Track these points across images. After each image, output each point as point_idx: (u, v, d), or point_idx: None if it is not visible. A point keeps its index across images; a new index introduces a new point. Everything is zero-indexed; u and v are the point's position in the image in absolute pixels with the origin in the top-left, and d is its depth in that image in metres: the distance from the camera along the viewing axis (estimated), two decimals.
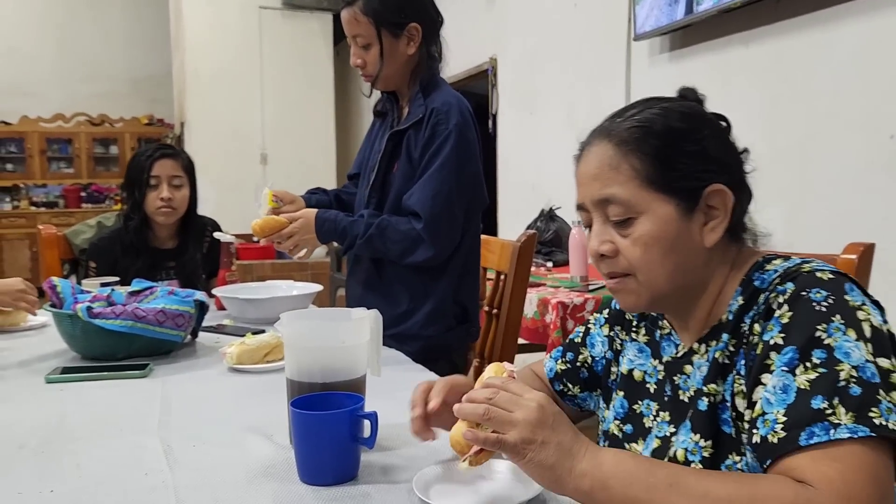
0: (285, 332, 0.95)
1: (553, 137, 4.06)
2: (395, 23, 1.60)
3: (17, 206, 7.84)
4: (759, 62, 2.67)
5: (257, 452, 0.95)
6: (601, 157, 0.85)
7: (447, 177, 1.56)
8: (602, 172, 0.84)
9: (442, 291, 1.65)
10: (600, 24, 3.60)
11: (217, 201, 5.94)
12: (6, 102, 7.80)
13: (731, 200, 0.83)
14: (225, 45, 6.34)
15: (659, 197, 0.82)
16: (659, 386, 0.91)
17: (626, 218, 0.83)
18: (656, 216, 0.82)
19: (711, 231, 0.83)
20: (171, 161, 2.16)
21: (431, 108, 1.60)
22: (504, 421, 0.72)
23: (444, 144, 1.57)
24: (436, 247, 1.57)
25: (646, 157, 0.82)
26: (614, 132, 0.85)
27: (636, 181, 0.82)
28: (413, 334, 1.62)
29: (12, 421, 1.10)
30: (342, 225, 1.61)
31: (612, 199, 0.83)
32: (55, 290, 1.51)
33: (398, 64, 1.64)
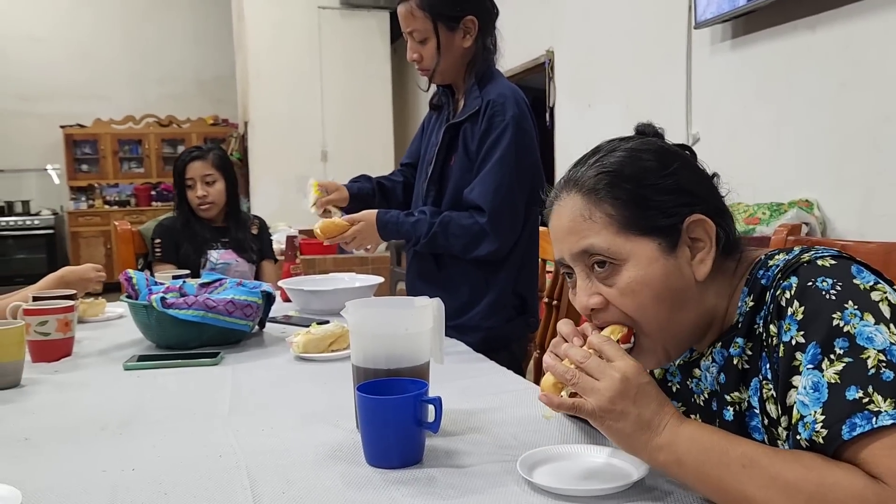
0: (351, 320, 0.98)
1: (612, 129, 3.98)
2: (451, 16, 1.60)
3: (92, 205, 8.18)
4: (827, 47, 2.58)
5: (325, 437, 0.98)
6: (572, 210, 0.83)
7: (507, 169, 1.56)
8: (576, 225, 0.82)
9: (502, 283, 1.65)
10: (659, 13, 3.54)
11: (280, 197, 6.10)
12: (81, 106, 8.15)
13: (712, 228, 0.81)
14: (285, 45, 6.47)
15: (639, 240, 0.80)
16: (682, 386, 0.91)
17: (610, 267, 0.80)
18: (640, 260, 0.79)
19: (700, 263, 0.81)
20: (201, 162, 2.45)
21: (487, 100, 1.60)
22: (587, 388, 0.74)
23: (501, 136, 1.57)
24: (499, 240, 1.57)
25: (617, 201, 0.80)
26: (581, 182, 0.83)
27: (612, 228, 0.80)
28: (473, 325, 1.63)
29: (94, 404, 1.17)
30: (405, 227, 1.62)
31: (590, 249, 0.81)
32: (131, 282, 1.58)
33: (455, 57, 1.64)
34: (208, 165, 2.44)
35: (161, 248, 2.39)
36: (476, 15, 1.62)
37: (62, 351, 1.46)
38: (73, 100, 8.16)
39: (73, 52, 8.18)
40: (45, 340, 1.42)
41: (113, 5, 8.30)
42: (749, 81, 2.98)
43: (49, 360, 1.42)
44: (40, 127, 8.06)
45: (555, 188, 0.88)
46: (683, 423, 0.73)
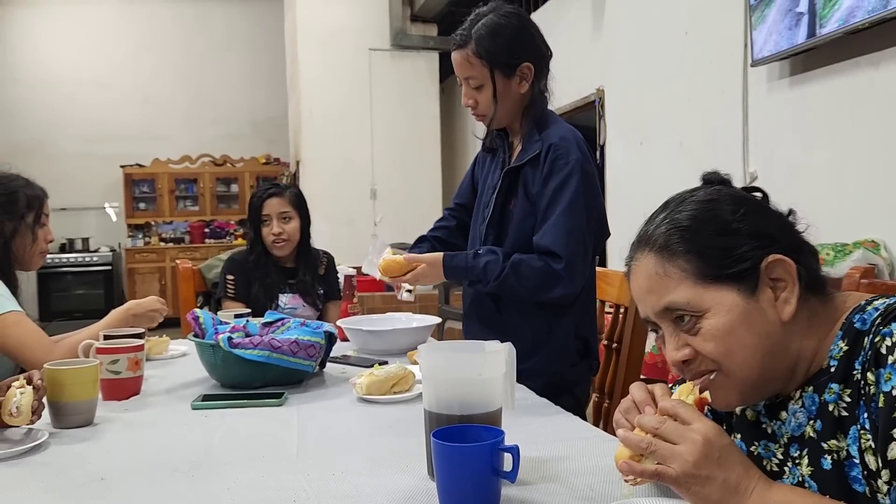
0: (423, 364, 0.97)
1: (664, 166, 3.98)
2: (508, 63, 1.60)
3: (148, 241, 8.42)
4: (891, 84, 2.53)
5: (397, 483, 0.97)
6: (647, 269, 0.84)
7: (578, 213, 1.55)
8: (653, 283, 0.84)
9: (566, 327, 1.63)
10: (713, 51, 3.52)
11: (331, 234, 6.17)
12: (140, 147, 8.45)
13: (792, 267, 0.80)
14: (337, 87, 6.62)
15: (717, 288, 0.80)
16: (778, 428, 0.87)
17: (692, 318, 0.81)
18: (720, 308, 0.80)
19: (785, 303, 0.80)
20: (278, 199, 2.43)
21: (549, 143, 1.59)
22: (666, 455, 0.72)
23: (568, 180, 1.56)
24: (574, 285, 1.55)
25: (690, 254, 0.81)
26: (652, 239, 0.85)
27: (688, 281, 0.81)
28: (538, 370, 1.59)
29: (165, 444, 1.18)
30: (475, 271, 1.59)
31: (671, 306, 0.82)
32: (198, 321, 1.61)
33: (511, 103, 1.64)
34: (285, 203, 2.42)
35: (234, 286, 2.38)
36: (532, 61, 1.62)
37: (132, 389, 1.48)
38: (132, 141, 8.47)
39: (134, 95, 8.52)
40: (116, 379, 1.45)
41: (172, 50, 8.65)
42: (809, 119, 2.93)
43: (120, 398, 1.45)
44: (101, 167, 8.38)
45: (630, 249, 0.90)
46: (772, 487, 0.71)
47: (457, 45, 1.64)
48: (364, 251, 1.76)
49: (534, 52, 1.64)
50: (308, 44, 6.64)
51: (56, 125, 8.30)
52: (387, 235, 6.72)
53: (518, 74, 1.62)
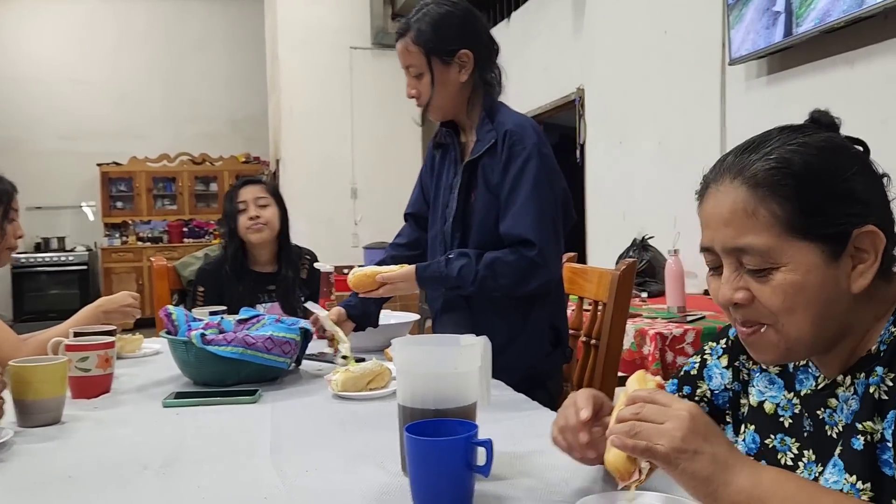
0: (398, 358, 0.96)
1: (644, 166, 3.99)
2: (445, 50, 1.59)
3: (125, 241, 8.32)
4: (866, 83, 2.55)
5: (371, 479, 0.96)
6: (734, 202, 0.76)
7: (543, 197, 1.54)
8: (735, 218, 0.76)
9: (540, 319, 1.63)
10: (692, 50, 3.54)
11: (310, 234, 6.14)
12: (118, 145, 8.36)
13: (882, 242, 0.75)
14: (317, 85, 6.59)
15: (802, 245, 0.74)
16: (795, 420, 0.85)
17: (765, 268, 0.75)
18: (799, 265, 0.74)
19: (860, 276, 0.75)
20: (254, 186, 2.37)
21: (504, 130, 1.58)
22: (653, 433, 0.70)
23: (527, 165, 1.54)
24: (550, 271, 1.54)
25: (786, 201, 0.74)
26: (748, 171, 0.77)
27: (776, 229, 0.74)
28: (512, 366, 1.58)
29: (135, 442, 1.16)
30: (450, 280, 1.57)
31: (748, 249, 0.75)
32: (171, 318, 1.59)
33: (450, 92, 1.63)
34: (262, 189, 2.35)
35: (204, 298, 2.25)
36: (471, 49, 1.61)
37: (102, 387, 1.45)
38: (110, 139, 8.37)
39: (112, 93, 8.43)
40: (85, 377, 1.42)
41: (151, 47, 8.56)
42: (786, 118, 2.93)
43: (89, 396, 1.42)
44: (78, 165, 8.27)
45: (713, 170, 0.81)
46: (761, 466, 0.70)
47: (398, 34, 1.64)
48: (344, 250, 1.76)
49: (473, 41, 1.62)
50: (288, 41, 6.60)
51: (32, 123, 8.18)
52: (367, 235, 6.70)
53: (456, 62, 1.61)
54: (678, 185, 3.71)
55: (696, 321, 2.43)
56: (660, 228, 3.59)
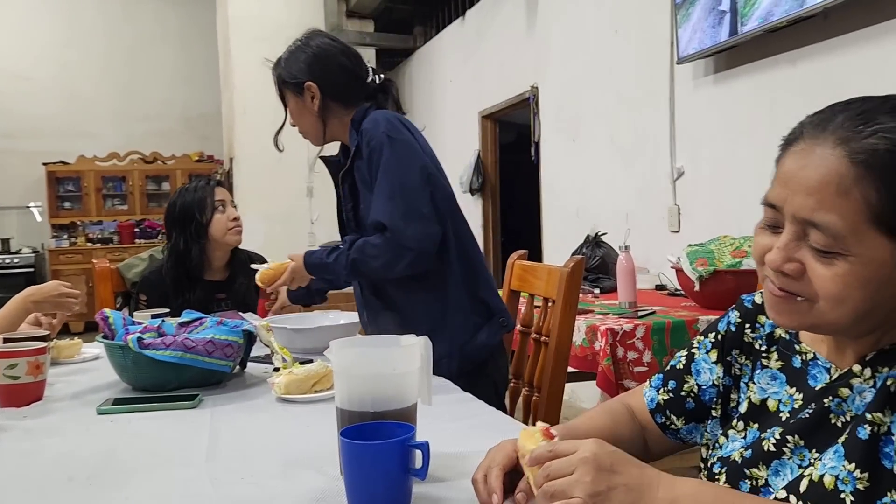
0: (335, 360, 0.93)
1: (597, 163, 4.03)
2: (292, 83, 1.74)
3: (74, 242, 8.09)
4: (808, 81, 2.61)
5: (308, 484, 0.93)
6: (828, 172, 0.69)
7: (393, 177, 1.58)
8: (823, 190, 0.69)
9: (455, 294, 1.64)
10: (642, 49, 3.58)
11: (266, 233, 6.05)
12: (65, 143, 8.12)
13: None
14: (271, 82, 6.47)
15: (881, 239, 0.68)
16: (793, 414, 0.82)
17: (832, 251, 0.69)
18: (870, 259, 0.69)
19: None
20: (224, 189, 2.30)
21: (361, 130, 1.67)
22: (566, 487, 0.69)
23: (381, 154, 1.60)
24: (413, 247, 1.56)
25: (886, 188, 0.67)
26: (853, 143, 0.69)
27: (862, 215, 0.68)
28: (446, 351, 1.61)
29: (63, 452, 1.11)
30: (329, 267, 1.67)
31: (823, 226, 0.69)
32: (107, 322, 1.53)
33: (309, 119, 1.76)
34: (229, 193, 2.32)
35: (147, 307, 2.15)
36: (314, 80, 1.72)
37: (33, 395, 1.39)
38: (56, 137, 8.13)
39: (58, 89, 8.18)
40: (14, 384, 1.36)
41: (99, 43, 8.33)
42: (732, 115, 3.00)
43: (18, 404, 1.36)
44: (23, 164, 8.01)
45: (815, 125, 0.73)
46: (678, 480, 0.69)
47: None
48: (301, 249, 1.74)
49: (313, 71, 1.73)
50: (241, 38, 6.49)
51: None
52: (323, 233, 6.63)
53: (307, 93, 1.73)
54: (629, 183, 3.75)
55: (646, 316, 2.45)
56: (612, 225, 3.63)
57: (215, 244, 2.23)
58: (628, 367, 2.31)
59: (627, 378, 2.29)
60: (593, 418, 0.99)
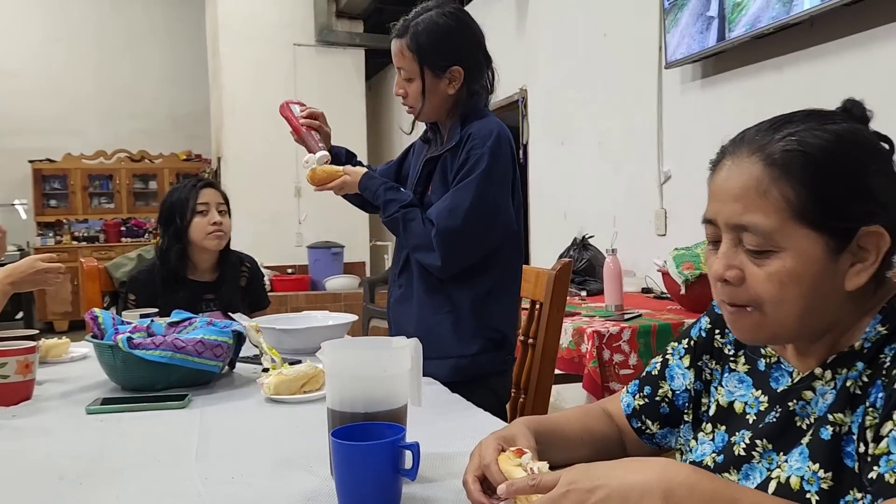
0: (327, 362, 0.94)
1: (585, 166, 4.05)
2: (438, 64, 1.63)
3: (59, 240, 8.04)
4: (794, 87, 2.65)
5: (297, 485, 0.94)
6: (747, 177, 0.75)
7: (468, 196, 1.57)
8: (746, 195, 0.75)
9: (478, 316, 1.64)
10: (630, 53, 3.61)
11: (254, 233, 6.04)
12: (51, 141, 8.07)
13: (886, 245, 0.74)
14: (261, 82, 6.48)
15: (807, 233, 0.73)
16: (759, 417, 0.85)
17: (764, 250, 0.74)
18: (800, 253, 0.73)
19: (856, 275, 0.75)
20: (215, 190, 2.26)
21: (469, 132, 1.62)
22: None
23: (475, 166, 1.58)
24: (442, 259, 1.58)
25: (801, 187, 0.73)
26: (767, 150, 0.75)
27: (784, 213, 0.73)
28: (445, 356, 1.62)
29: (54, 451, 1.11)
30: (379, 199, 1.67)
31: (751, 228, 0.74)
32: (97, 321, 1.53)
33: (438, 101, 1.66)
34: (220, 195, 2.26)
35: (136, 306, 2.12)
36: (463, 66, 1.64)
37: (21, 394, 1.39)
38: (43, 134, 8.08)
39: (45, 86, 8.12)
40: (2, 384, 1.36)
41: (86, 41, 8.29)
42: (719, 120, 3.03)
43: (7, 404, 1.36)
44: (8, 162, 7.95)
45: (733, 142, 0.80)
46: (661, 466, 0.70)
47: (395, 34, 1.67)
48: (289, 250, 1.74)
49: (467, 57, 1.66)
50: (230, 37, 6.48)
51: None
52: (311, 234, 6.63)
53: (447, 76, 1.64)
54: (617, 186, 3.78)
55: (632, 319, 2.48)
56: (600, 228, 3.65)
57: (196, 247, 2.20)
58: (614, 369, 2.33)
59: (613, 380, 2.31)
60: (573, 416, 1.01)
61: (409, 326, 1.69)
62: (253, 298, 2.33)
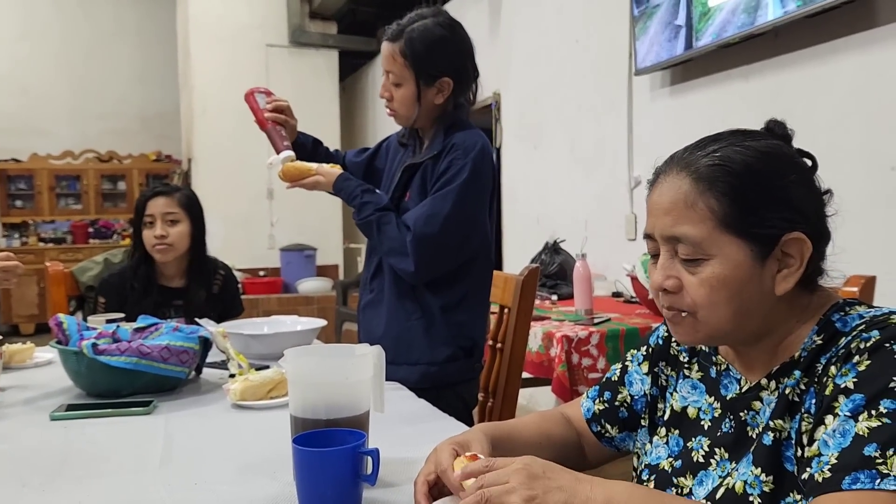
0: (289, 369, 0.95)
1: (557, 170, 4.09)
2: (429, 73, 1.63)
3: (25, 242, 7.90)
4: (759, 96, 2.70)
5: (260, 490, 0.95)
6: (676, 192, 0.81)
7: (447, 205, 1.58)
8: (675, 208, 0.81)
9: (450, 324, 1.66)
10: (602, 60, 3.65)
11: (225, 236, 5.99)
12: (17, 141, 7.93)
13: (808, 251, 0.80)
14: (232, 83, 6.42)
15: (733, 240, 0.79)
16: (714, 423, 0.89)
17: (696, 258, 0.80)
18: (727, 259, 0.79)
19: (784, 280, 0.80)
20: (165, 199, 2.17)
21: (452, 142, 1.63)
22: (501, 495, 0.71)
23: (457, 175, 1.60)
24: (416, 265, 1.59)
25: (724, 197, 0.79)
26: (693, 166, 0.81)
27: (711, 222, 0.79)
28: (414, 363, 1.64)
29: (16, 458, 1.11)
30: (355, 201, 1.67)
31: (682, 238, 0.81)
32: (61, 327, 1.52)
33: (424, 109, 1.67)
34: (173, 203, 2.17)
35: (105, 309, 2.10)
36: (453, 77, 1.65)
37: None
38: (8, 134, 7.93)
39: (12, 86, 7.98)
40: None
41: (53, 39, 8.15)
42: (687, 126, 3.09)
43: None
44: None
45: (665, 162, 0.86)
46: (609, 481, 0.73)
47: (388, 37, 1.66)
48: (260, 252, 1.73)
49: (457, 69, 1.67)
50: (201, 37, 6.43)
51: None
52: (284, 237, 6.59)
53: (436, 86, 1.65)
54: (588, 191, 3.82)
55: (601, 323, 2.51)
56: (571, 232, 3.69)
57: (153, 256, 2.18)
58: (583, 373, 2.36)
59: (582, 384, 2.34)
60: (531, 421, 1.04)
61: (379, 331, 1.70)
62: (226, 306, 2.28)
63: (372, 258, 1.78)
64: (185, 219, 2.19)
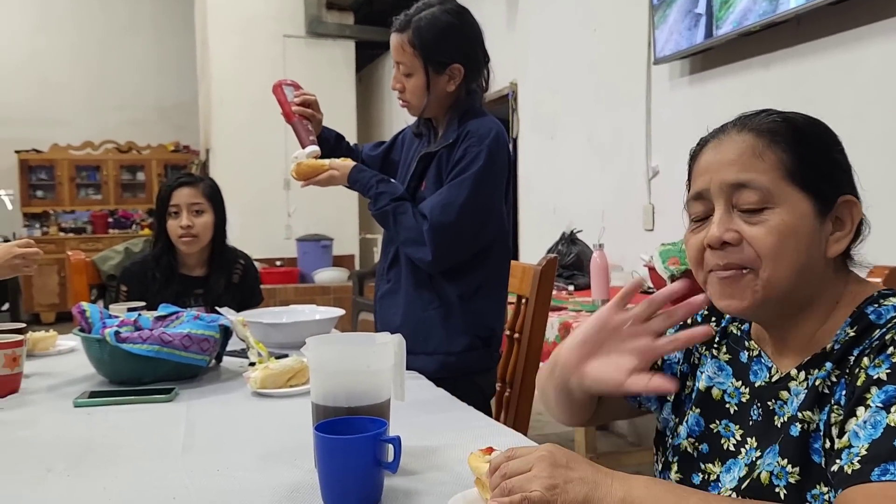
0: (311, 357, 0.96)
1: (574, 161, 4.07)
2: (439, 61, 1.63)
3: (46, 231, 7.99)
4: (780, 85, 2.67)
5: (282, 477, 0.96)
6: (742, 145, 0.82)
7: (463, 192, 1.58)
8: (743, 158, 0.81)
9: (468, 313, 1.66)
10: (619, 49, 3.62)
11: (242, 226, 6.02)
12: (38, 131, 8.00)
13: (859, 215, 0.82)
14: (250, 73, 6.44)
15: (799, 192, 0.80)
16: (742, 409, 0.88)
17: (760, 207, 0.80)
18: (794, 209, 0.79)
19: (836, 242, 0.81)
20: (190, 189, 2.18)
21: (467, 130, 1.63)
22: (524, 483, 0.72)
23: (472, 163, 1.59)
24: (433, 254, 1.59)
25: (791, 150, 0.81)
26: (755, 125, 0.83)
27: (779, 171, 0.80)
28: (432, 351, 1.64)
29: (41, 444, 1.12)
30: (370, 192, 1.67)
31: (749, 184, 0.80)
32: (84, 315, 1.54)
33: (436, 98, 1.67)
34: (198, 194, 2.17)
35: (127, 297, 2.11)
36: (464, 64, 1.65)
37: (9, 387, 1.40)
38: (29, 125, 8.01)
39: (31, 76, 8.05)
40: None
41: (70, 31, 8.21)
42: (706, 116, 3.05)
43: None
44: None
45: (716, 131, 0.87)
46: (631, 476, 0.73)
47: (396, 28, 1.66)
48: (277, 242, 1.73)
49: (467, 55, 1.66)
50: (219, 28, 6.43)
51: None
52: (300, 227, 6.62)
53: (447, 73, 1.65)
54: (605, 181, 3.80)
55: None
56: (588, 222, 3.67)
57: (177, 246, 2.19)
58: None
59: None
60: None
61: (397, 321, 1.70)
62: (245, 295, 2.28)
63: (389, 248, 1.78)
64: (210, 209, 2.19)
